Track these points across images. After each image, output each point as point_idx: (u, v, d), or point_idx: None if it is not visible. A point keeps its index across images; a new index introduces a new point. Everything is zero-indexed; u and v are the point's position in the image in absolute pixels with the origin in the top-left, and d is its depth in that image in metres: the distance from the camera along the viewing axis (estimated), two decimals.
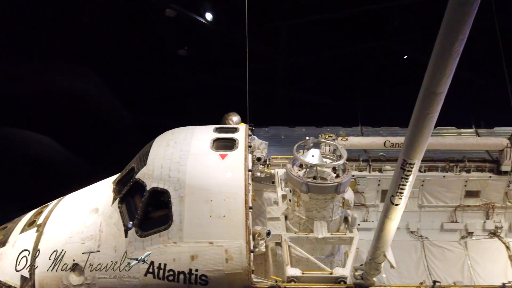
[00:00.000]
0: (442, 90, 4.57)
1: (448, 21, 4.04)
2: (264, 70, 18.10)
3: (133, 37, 17.64)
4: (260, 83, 15.18)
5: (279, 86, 19.36)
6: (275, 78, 19.42)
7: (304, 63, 19.47)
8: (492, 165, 11.01)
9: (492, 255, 11.03)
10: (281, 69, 19.50)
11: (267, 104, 18.09)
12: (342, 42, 18.73)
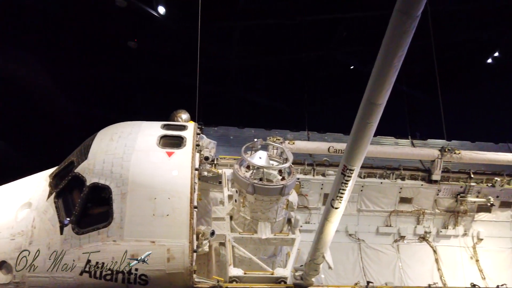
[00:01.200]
0: (382, 101, 4.85)
1: (389, 37, 4.31)
2: (216, 69, 18.04)
3: (80, 24, 16.75)
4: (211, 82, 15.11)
5: (231, 86, 19.42)
6: (226, 78, 19.45)
7: (256, 65, 19.69)
8: (424, 174, 11.76)
9: (420, 258, 11.82)
10: (233, 70, 19.56)
11: (218, 104, 18.06)
12: (292, 48, 19.19)
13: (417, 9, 4.00)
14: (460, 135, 13.57)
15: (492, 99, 20.04)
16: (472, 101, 20.56)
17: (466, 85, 21.17)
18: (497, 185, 11.62)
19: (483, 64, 22.19)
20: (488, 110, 19.93)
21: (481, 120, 19.05)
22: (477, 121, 18.84)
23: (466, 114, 19.37)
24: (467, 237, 12.13)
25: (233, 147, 11.20)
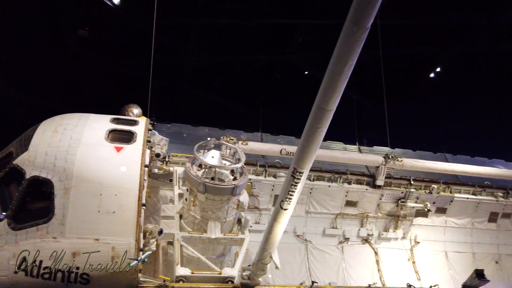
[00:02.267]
0: (332, 107, 5.03)
1: (340, 46, 4.49)
2: (172, 65, 17.70)
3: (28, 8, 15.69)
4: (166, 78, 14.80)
5: (186, 84, 19.13)
6: (183, 75, 19.14)
7: (212, 64, 19.57)
8: (369, 179, 12.34)
9: (363, 259, 12.34)
10: (189, 67, 19.28)
11: (172, 101, 17.72)
12: (250, 49, 19.31)
13: (367, 21, 4.20)
14: (403, 143, 14.42)
15: (432, 112, 21.47)
16: (415, 112, 21.91)
17: (410, 97, 22.53)
18: (434, 192, 12.43)
19: (426, 78, 23.71)
20: (429, 121, 21.33)
21: (422, 131, 20.33)
22: (419, 132, 20.08)
23: (409, 124, 20.59)
24: (406, 240, 12.84)
25: (185, 145, 11.06)
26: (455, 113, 21.67)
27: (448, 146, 15.30)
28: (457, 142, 17.59)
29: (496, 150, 15.94)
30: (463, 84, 23.40)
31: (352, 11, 4.20)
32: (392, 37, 19.23)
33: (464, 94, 22.90)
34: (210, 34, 18.84)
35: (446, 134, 19.06)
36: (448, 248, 13.12)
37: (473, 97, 22.83)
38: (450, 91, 22.59)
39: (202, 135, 11.55)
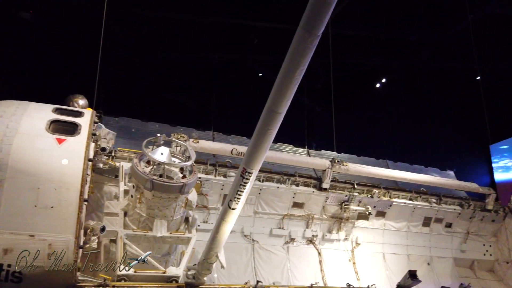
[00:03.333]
0: (282, 110, 5.14)
1: (292, 51, 4.61)
2: (124, 58, 17.06)
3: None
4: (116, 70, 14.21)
5: (138, 78, 18.52)
6: (134, 69, 18.52)
7: (166, 60, 19.14)
8: (316, 182, 12.71)
9: (307, 259, 12.66)
10: (142, 61, 18.70)
11: (122, 94, 17.06)
12: (205, 47, 19.12)
13: (318, 29, 4.35)
14: (348, 149, 15.03)
15: (377, 120, 22.60)
16: (361, 120, 22.97)
17: (357, 105, 23.58)
18: (375, 196, 13.06)
19: (372, 88, 24.93)
20: (373, 129, 22.44)
21: (366, 138, 21.33)
22: (363, 138, 21.04)
23: (355, 131, 21.51)
24: (347, 241, 13.35)
25: (134, 140, 10.71)
26: (397, 123, 22.99)
27: (390, 153, 16.19)
28: (398, 150, 18.65)
29: (432, 159, 17.11)
30: (405, 96, 24.91)
31: (305, 18, 4.33)
32: (342, 47, 19.98)
33: (405, 106, 24.38)
34: (165, 29, 18.42)
35: (388, 142, 20.13)
36: (386, 250, 13.81)
37: (413, 109, 24.40)
38: (394, 102, 23.93)
39: (151, 131, 11.25)
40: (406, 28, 20.99)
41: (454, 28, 20.15)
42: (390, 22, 20.53)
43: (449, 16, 19.32)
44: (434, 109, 24.92)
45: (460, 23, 18.38)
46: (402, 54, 22.99)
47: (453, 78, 24.38)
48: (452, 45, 21.29)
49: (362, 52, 22.51)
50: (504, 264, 14.52)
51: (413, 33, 21.41)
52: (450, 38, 21.13)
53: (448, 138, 24.58)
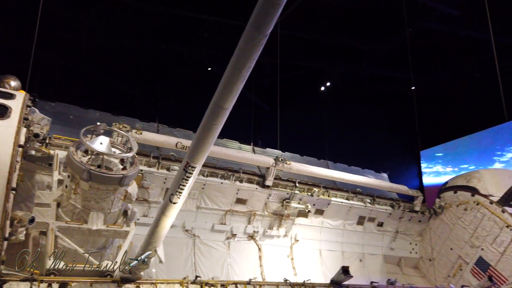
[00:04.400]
0: (228, 106, 5.18)
1: (240, 49, 4.66)
2: (63, 39, 15.99)
3: None
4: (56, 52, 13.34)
5: (80, 62, 17.47)
6: (76, 53, 17.46)
7: (112, 46, 18.29)
8: (259, 179, 12.90)
9: (247, 255, 12.81)
10: (84, 45, 17.68)
11: (60, 78, 15.99)
12: (153, 37, 18.52)
13: (267, 28, 4.43)
14: (292, 148, 15.42)
15: (319, 122, 23.43)
16: (305, 121, 23.68)
17: (302, 106, 24.28)
18: (315, 195, 13.54)
19: (317, 90, 25.81)
20: (316, 130, 23.24)
21: (309, 138, 22.03)
22: (307, 138, 21.72)
23: (299, 131, 22.14)
24: (287, 238, 13.71)
25: (71, 127, 10.11)
26: (339, 126, 24.04)
27: (331, 154, 16.85)
28: (338, 152, 19.46)
29: (368, 162, 18.08)
30: (347, 101, 26.13)
31: (254, 17, 4.39)
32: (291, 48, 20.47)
33: (347, 110, 25.57)
34: (112, 14, 17.59)
35: (329, 144, 20.95)
36: (322, 247, 14.38)
37: (354, 114, 25.64)
38: (336, 105, 24.98)
39: (91, 118, 10.71)
40: (350, 36, 21.98)
41: (393, 39, 21.48)
42: (336, 28, 21.36)
43: (390, 27, 20.54)
44: (373, 114, 26.43)
45: (399, 35, 19.60)
46: (345, 60, 24.06)
47: (391, 87, 26.00)
48: (391, 55, 22.69)
49: (309, 55, 23.21)
50: (427, 262, 15.73)
51: (356, 40, 22.49)
52: (389, 48, 22.51)
53: (383, 143, 26.21)
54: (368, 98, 27.01)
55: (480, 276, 13.50)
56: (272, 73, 13.97)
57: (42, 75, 8.99)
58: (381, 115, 26.93)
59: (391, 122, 26.86)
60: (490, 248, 13.56)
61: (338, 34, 21.80)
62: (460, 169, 24.11)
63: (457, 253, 14.58)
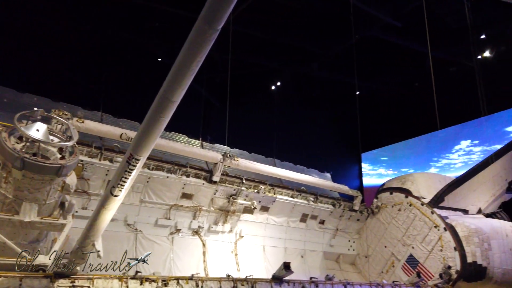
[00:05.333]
0: (176, 99, 5.09)
1: (191, 42, 4.60)
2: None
3: None
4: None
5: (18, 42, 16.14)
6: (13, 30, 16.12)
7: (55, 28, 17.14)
8: (207, 174, 12.82)
9: (191, 250, 12.68)
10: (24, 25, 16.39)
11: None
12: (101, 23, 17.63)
13: (218, 23, 4.40)
14: (240, 145, 15.52)
15: (268, 120, 23.80)
16: (254, 118, 23.93)
17: (252, 103, 24.49)
18: (261, 192, 13.74)
19: (268, 89, 26.19)
20: (265, 128, 23.58)
21: (258, 136, 22.29)
22: (255, 136, 21.94)
23: (248, 128, 22.31)
24: (232, 233, 13.77)
25: (4, 111, 9.37)
26: (287, 125, 24.58)
27: (278, 153, 17.19)
28: (285, 150, 19.91)
29: (313, 161, 18.67)
30: (296, 101, 26.81)
31: (205, 11, 4.34)
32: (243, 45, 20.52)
33: (295, 110, 26.24)
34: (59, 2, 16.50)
35: (277, 142, 21.35)
36: (266, 243, 14.63)
37: (301, 114, 26.38)
38: (285, 105, 25.52)
39: (28, 103, 9.98)
40: (301, 37, 22.53)
41: (341, 45, 22.36)
42: (288, 29, 21.80)
43: (339, 33, 21.35)
44: (319, 116, 27.39)
45: (347, 41, 20.46)
46: (296, 61, 24.64)
47: (337, 90, 27.08)
48: (339, 60, 23.60)
49: (261, 53, 23.46)
50: (363, 258, 16.58)
51: (307, 43, 23.12)
52: (337, 53, 23.41)
53: (328, 144, 27.23)
54: (315, 99, 27.95)
55: (410, 272, 14.48)
56: (224, 69, 13.92)
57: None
58: (327, 117, 27.98)
59: (336, 124, 27.98)
60: (420, 246, 14.60)
61: (290, 35, 22.26)
62: (400, 172, 25.75)
63: (390, 251, 15.52)
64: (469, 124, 24.57)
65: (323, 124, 27.51)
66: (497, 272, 13.52)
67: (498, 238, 14.02)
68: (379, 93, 29.00)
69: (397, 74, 26.93)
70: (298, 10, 20.68)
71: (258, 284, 9.94)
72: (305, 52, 23.97)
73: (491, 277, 13.47)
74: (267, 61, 24.39)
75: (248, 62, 23.21)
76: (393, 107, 29.10)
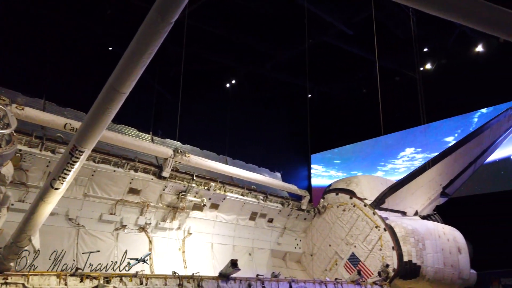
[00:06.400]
0: (125, 91, 4.96)
1: (142, 33, 4.49)
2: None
3: None
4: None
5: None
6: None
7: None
8: (156, 170, 12.51)
9: (137, 247, 12.24)
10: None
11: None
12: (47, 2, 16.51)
13: (171, 16, 4.32)
14: (192, 141, 15.35)
15: (222, 118, 23.80)
16: (208, 115, 23.82)
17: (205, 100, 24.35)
18: (211, 189, 13.66)
19: (222, 87, 26.15)
20: (218, 125, 23.55)
21: (211, 133, 22.22)
22: (207, 133, 21.84)
23: (201, 124, 22.16)
24: (180, 230, 13.58)
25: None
26: (240, 123, 24.70)
27: (230, 151, 17.21)
28: (237, 148, 19.98)
29: (264, 160, 18.92)
30: (249, 100, 27.04)
31: (159, 2, 4.25)
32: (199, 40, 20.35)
33: (249, 109, 26.46)
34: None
35: (230, 140, 21.39)
36: (214, 240, 14.59)
37: (254, 113, 26.67)
38: (239, 103, 25.64)
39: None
40: (257, 37, 22.74)
41: (295, 48, 22.88)
42: (244, 29, 21.91)
43: (293, 36, 21.82)
44: (272, 116, 27.87)
45: (301, 45, 20.97)
46: (251, 60, 24.84)
47: (290, 92, 27.69)
48: (292, 62, 24.13)
49: (217, 50, 23.35)
50: (308, 256, 17.07)
51: (263, 43, 23.38)
52: (291, 55, 23.93)
53: (280, 144, 27.80)
54: (269, 100, 28.37)
55: (352, 270, 15.14)
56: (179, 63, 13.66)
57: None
58: (279, 118, 28.53)
59: (288, 125, 28.62)
60: (361, 245, 15.31)
61: (246, 35, 22.37)
62: (350, 174, 26.91)
63: (334, 249, 16.13)
64: (412, 131, 26.43)
65: (275, 125, 28.01)
66: (429, 271, 14.52)
67: (431, 238, 15.06)
68: (330, 96, 30.06)
69: (347, 80, 28.06)
70: (255, 11, 20.84)
71: (204, 281, 9.92)
72: (260, 53, 24.21)
73: (424, 275, 14.42)
74: (222, 58, 24.31)
75: (204, 58, 23.01)
76: (342, 111, 30.34)
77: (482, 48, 22.77)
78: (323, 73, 25.80)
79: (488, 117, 22.01)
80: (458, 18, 4.92)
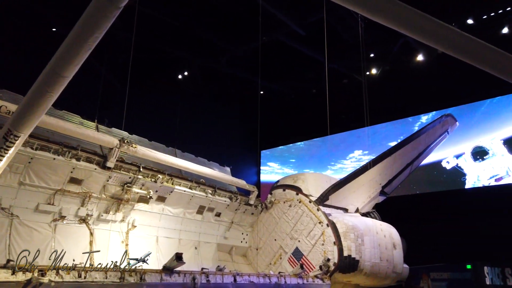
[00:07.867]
0: (67, 75, 4.76)
1: (89, 16, 4.32)
2: None
3: None
4: None
5: None
6: None
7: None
8: (100, 159, 12.01)
9: (76, 239, 11.73)
10: None
11: None
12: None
13: (121, 0, 4.20)
14: (140, 131, 14.94)
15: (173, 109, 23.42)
16: (157, 105, 23.30)
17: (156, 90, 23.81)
18: (158, 181, 13.40)
19: (174, 78, 25.68)
20: (168, 117, 23.14)
21: (160, 124, 21.77)
22: (157, 124, 21.38)
23: (150, 115, 21.63)
24: (124, 223, 13.16)
25: None
26: (191, 116, 24.44)
27: (179, 143, 16.98)
28: (187, 141, 19.76)
29: (214, 154, 18.89)
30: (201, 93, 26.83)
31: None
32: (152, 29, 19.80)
33: (200, 102, 26.26)
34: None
35: (180, 132, 21.10)
36: (160, 234, 14.33)
37: (206, 107, 26.53)
38: (191, 96, 25.35)
39: None
40: (211, 31, 22.59)
41: (249, 44, 23.04)
42: (199, 21, 21.65)
43: (248, 33, 21.95)
44: (223, 111, 27.90)
45: (255, 42, 21.17)
46: (204, 54, 24.63)
47: (242, 88, 27.87)
48: (246, 59, 24.28)
49: (170, 40, 22.86)
50: (254, 250, 17.33)
51: (217, 38, 23.26)
52: (245, 51, 24.06)
53: (230, 139, 27.88)
54: (221, 94, 28.34)
55: (295, 264, 15.61)
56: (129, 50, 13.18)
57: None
58: (231, 113, 28.62)
59: (239, 121, 28.78)
60: (305, 240, 15.82)
61: (201, 27, 22.11)
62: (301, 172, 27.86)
63: (279, 244, 16.51)
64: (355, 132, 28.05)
65: (226, 119, 28.04)
66: (367, 265, 15.34)
67: (370, 234, 15.91)
68: (281, 95, 30.62)
69: (298, 79, 28.76)
70: (211, 3, 20.66)
71: (147, 275, 9.73)
72: (214, 46, 24.05)
73: (362, 269, 15.22)
74: (176, 49, 23.83)
75: (157, 48, 22.41)
76: (292, 109, 31.06)
77: (422, 57, 24.40)
78: (275, 70, 26.20)
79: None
80: (398, 27, 5.26)
